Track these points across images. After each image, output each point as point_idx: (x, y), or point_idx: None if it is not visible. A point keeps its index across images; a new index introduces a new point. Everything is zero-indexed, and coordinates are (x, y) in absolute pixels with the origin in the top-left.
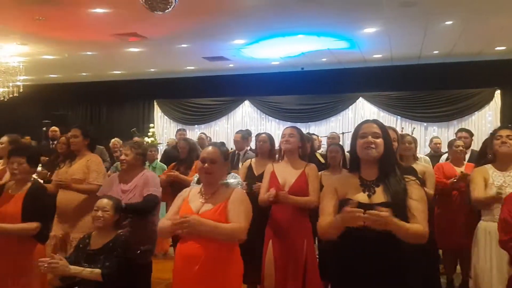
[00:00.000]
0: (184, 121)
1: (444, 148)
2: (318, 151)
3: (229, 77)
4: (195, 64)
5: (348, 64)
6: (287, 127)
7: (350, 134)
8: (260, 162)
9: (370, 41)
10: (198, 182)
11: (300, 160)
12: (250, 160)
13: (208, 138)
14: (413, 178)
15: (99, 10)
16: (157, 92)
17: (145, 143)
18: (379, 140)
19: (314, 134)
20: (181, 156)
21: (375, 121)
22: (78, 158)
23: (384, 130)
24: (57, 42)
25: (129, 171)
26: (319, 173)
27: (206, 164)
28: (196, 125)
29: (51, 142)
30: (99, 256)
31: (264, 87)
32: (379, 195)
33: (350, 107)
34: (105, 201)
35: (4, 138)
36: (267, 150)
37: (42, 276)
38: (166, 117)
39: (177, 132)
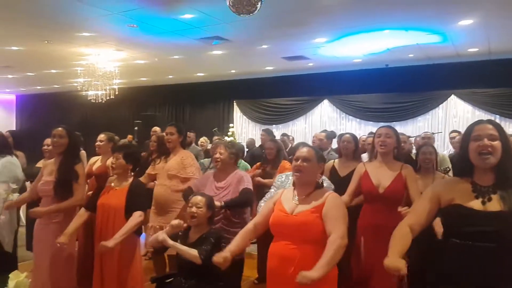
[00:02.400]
0: (262, 121)
1: None
2: None
3: (308, 76)
4: (274, 64)
5: (438, 59)
6: (381, 127)
7: (441, 135)
8: (345, 164)
9: (465, 34)
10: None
11: (395, 161)
12: (332, 161)
13: (291, 137)
14: None
15: (187, 16)
16: (237, 93)
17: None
18: (496, 143)
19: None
20: (268, 157)
21: (489, 121)
22: (172, 154)
23: (502, 132)
24: (148, 48)
25: (224, 170)
26: None
27: (299, 162)
28: (274, 125)
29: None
30: (195, 248)
31: (345, 85)
32: (495, 203)
33: (441, 105)
34: (199, 198)
35: (102, 136)
36: (351, 151)
37: (141, 266)
38: (245, 117)
39: (262, 132)
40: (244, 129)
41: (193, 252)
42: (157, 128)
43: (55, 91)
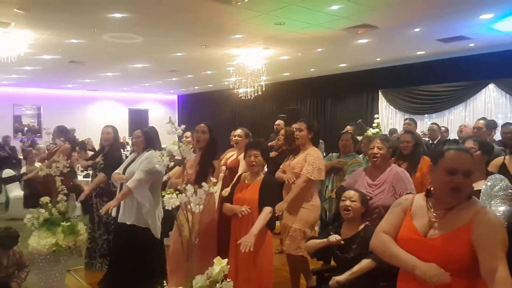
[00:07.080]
0: (412, 110)
1: None
2: None
3: (468, 58)
4: (427, 48)
5: None
6: None
7: None
8: None
9: None
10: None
11: None
12: (502, 157)
13: (443, 128)
14: None
15: (334, 7)
16: (382, 82)
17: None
18: None
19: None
20: (403, 152)
21: None
22: (301, 152)
23: None
24: (293, 43)
25: (378, 165)
26: None
27: (458, 174)
28: (426, 114)
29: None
30: (351, 246)
31: None
32: None
33: None
34: (352, 192)
35: (240, 131)
36: None
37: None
38: (391, 107)
39: (404, 122)
40: (390, 119)
41: (369, 264)
42: (280, 122)
43: (209, 90)
